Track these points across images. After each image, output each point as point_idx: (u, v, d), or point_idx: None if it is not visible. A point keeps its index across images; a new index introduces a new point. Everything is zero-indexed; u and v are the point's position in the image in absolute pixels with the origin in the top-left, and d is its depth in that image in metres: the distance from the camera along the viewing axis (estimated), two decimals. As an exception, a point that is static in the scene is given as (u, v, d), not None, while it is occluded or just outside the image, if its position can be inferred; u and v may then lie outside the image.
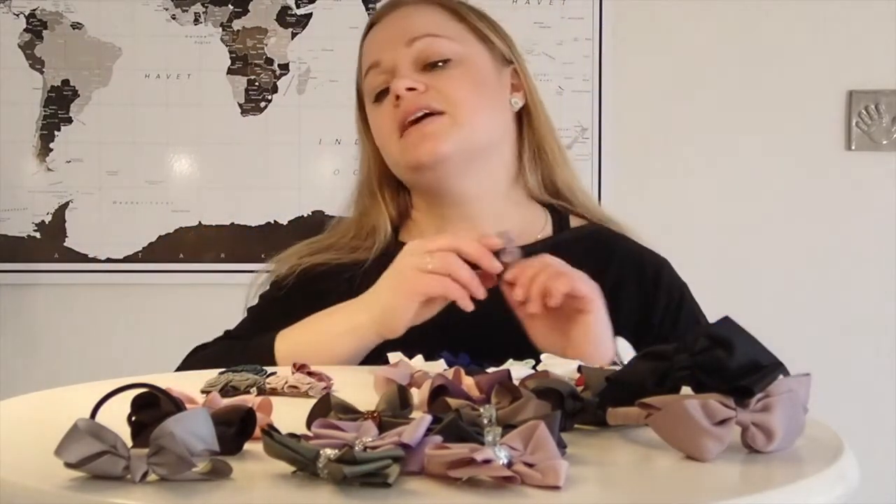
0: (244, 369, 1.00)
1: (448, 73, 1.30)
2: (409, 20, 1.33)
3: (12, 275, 2.49)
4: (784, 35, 2.55)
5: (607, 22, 2.53)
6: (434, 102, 1.28)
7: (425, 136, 1.28)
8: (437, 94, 1.29)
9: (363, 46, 1.39)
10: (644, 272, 1.32)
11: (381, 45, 1.34)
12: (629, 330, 1.25)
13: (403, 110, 1.28)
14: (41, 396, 0.95)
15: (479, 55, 1.34)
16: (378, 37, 1.36)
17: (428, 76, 1.30)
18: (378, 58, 1.33)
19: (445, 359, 1.04)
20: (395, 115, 1.30)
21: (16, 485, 0.63)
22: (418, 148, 1.28)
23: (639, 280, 1.31)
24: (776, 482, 0.66)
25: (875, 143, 2.56)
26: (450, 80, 1.30)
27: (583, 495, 0.62)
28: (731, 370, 0.71)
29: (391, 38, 1.32)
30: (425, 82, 1.29)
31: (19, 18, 2.49)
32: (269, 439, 0.63)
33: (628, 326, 1.26)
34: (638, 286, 1.30)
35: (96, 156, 2.50)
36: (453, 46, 1.31)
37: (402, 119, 1.29)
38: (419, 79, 1.29)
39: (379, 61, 1.32)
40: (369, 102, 1.36)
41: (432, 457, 0.63)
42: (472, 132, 1.30)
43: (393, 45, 1.31)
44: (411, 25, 1.32)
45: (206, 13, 2.51)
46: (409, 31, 1.32)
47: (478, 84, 1.32)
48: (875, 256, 2.56)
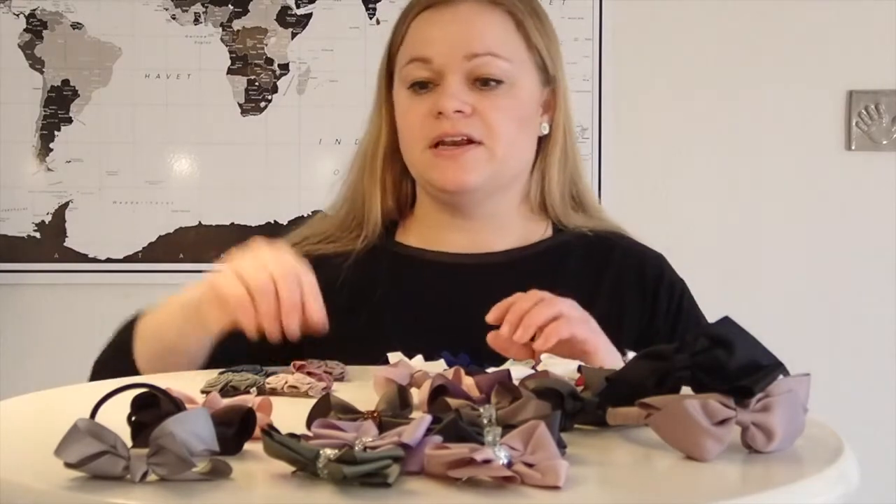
0: (244, 369, 1.00)
1: (496, 100, 1.25)
2: (472, 28, 1.26)
3: (12, 275, 2.49)
4: (784, 35, 2.55)
5: (607, 22, 2.53)
6: (475, 132, 1.24)
7: (458, 166, 1.24)
8: (481, 122, 1.24)
9: (409, 28, 1.29)
10: (645, 272, 1.32)
11: (436, 45, 1.25)
12: (633, 330, 1.26)
13: (444, 131, 1.24)
14: (41, 396, 0.95)
15: (528, 77, 1.28)
16: (435, 34, 1.26)
17: (476, 95, 1.24)
18: (429, 55, 1.25)
19: (445, 359, 1.04)
20: (432, 125, 1.24)
21: (16, 485, 0.63)
22: (447, 174, 1.25)
23: (641, 280, 1.30)
24: (776, 482, 0.66)
25: (875, 143, 2.56)
26: (496, 108, 1.25)
27: (583, 495, 0.62)
28: (731, 370, 0.71)
29: (450, 45, 1.25)
30: (472, 104, 1.24)
31: (19, 18, 2.49)
32: (269, 439, 0.64)
33: (632, 326, 1.26)
34: (640, 286, 1.30)
35: (96, 156, 2.50)
36: (508, 68, 1.26)
37: (440, 135, 1.24)
38: (467, 99, 1.24)
39: (429, 59, 1.25)
40: (402, 86, 1.28)
41: (432, 457, 0.63)
42: (504, 165, 1.27)
43: (450, 53, 1.24)
44: (474, 37, 1.25)
45: (206, 13, 2.51)
46: (470, 43, 1.24)
47: (520, 115, 1.28)
48: (875, 256, 2.56)
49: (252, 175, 2.51)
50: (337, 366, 1.05)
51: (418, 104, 1.26)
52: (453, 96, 1.23)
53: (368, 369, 1.02)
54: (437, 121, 1.24)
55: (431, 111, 1.25)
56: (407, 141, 1.29)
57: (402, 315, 1.26)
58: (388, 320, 1.26)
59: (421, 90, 1.26)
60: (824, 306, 2.56)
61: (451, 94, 1.23)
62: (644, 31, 2.54)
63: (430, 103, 1.25)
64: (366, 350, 1.09)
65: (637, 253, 1.34)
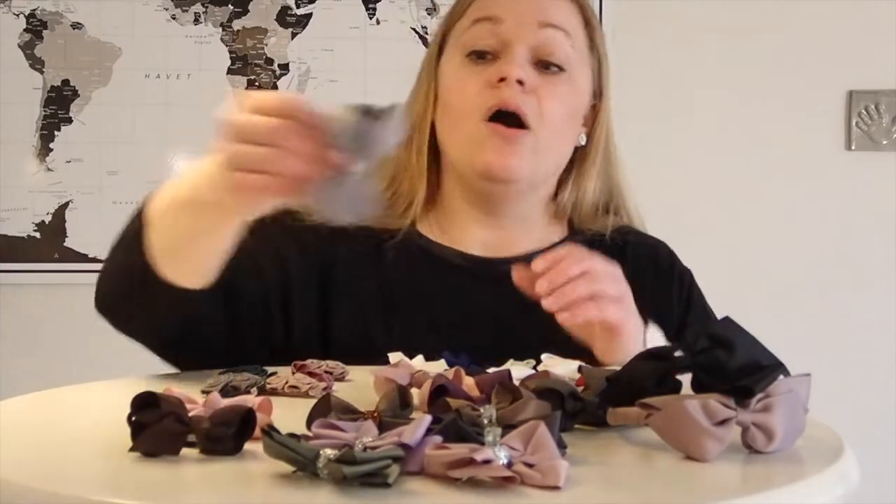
0: (244, 369, 1.00)
1: (556, 86, 1.21)
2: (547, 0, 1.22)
3: (12, 275, 2.49)
4: (784, 35, 2.55)
5: (607, 22, 2.53)
6: (531, 112, 1.19)
7: (511, 149, 1.19)
8: (537, 104, 1.19)
9: None
10: (658, 260, 1.32)
11: (508, 6, 1.20)
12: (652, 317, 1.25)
13: (503, 99, 1.18)
14: (41, 396, 0.95)
15: (584, 77, 1.26)
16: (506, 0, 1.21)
17: (537, 77, 1.20)
18: (501, 15, 1.20)
19: (445, 359, 1.04)
20: (491, 93, 1.18)
21: (16, 485, 0.63)
22: (497, 154, 1.19)
23: (656, 268, 1.30)
24: (776, 482, 0.66)
25: (875, 143, 2.56)
26: (554, 94, 1.21)
27: (583, 495, 0.62)
28: (731, 370, 0.71)
29: (524, 9, 1.20)
30: (532, 82, 1.19)
31: (19, 18, 2.49)
32: (269, 439, 0.64)
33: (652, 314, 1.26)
34: (656, 274, 1.30)
35: (96, 156, 2.50)
36: (573, 56, 1.23)
37: (499, 103, 1.18)
38: (529, 74, 1.19)
39: (500, 19, 1.20)
40: (459, 54, 1.22)
41: (432, 457, 0.63)
42: (544, 159, 1.24)
43: (523, 15, 1.19)
44: (549, 7, 1.21)
45: (206, 13, 2.51)
46: (546, 10, 1.20)
47: (571, 110, 1.25)
48: (875, 256, 2.56)
49: (252, 175, 2.51)
50: (337, 366, 1.05)
51: (476, 73, 1.20)
52: (520, 64, 1.18)
53: (368, 369, 1.02)
54: (497, 89, 1.18)
55: (490, 80, 1.19)
56: (458, 112, 1.22)
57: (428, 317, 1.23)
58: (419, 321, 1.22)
59: (479, 59, 1.21)
60: (824, 306, 2.56)
61: (518, 62, 1.18)
62: (644, 31, 2.54)
63: (491, 72, 1.19)
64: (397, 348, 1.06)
65: (647, 243, 1.34)
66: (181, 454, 0.69)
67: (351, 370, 1.06)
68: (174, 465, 0.67)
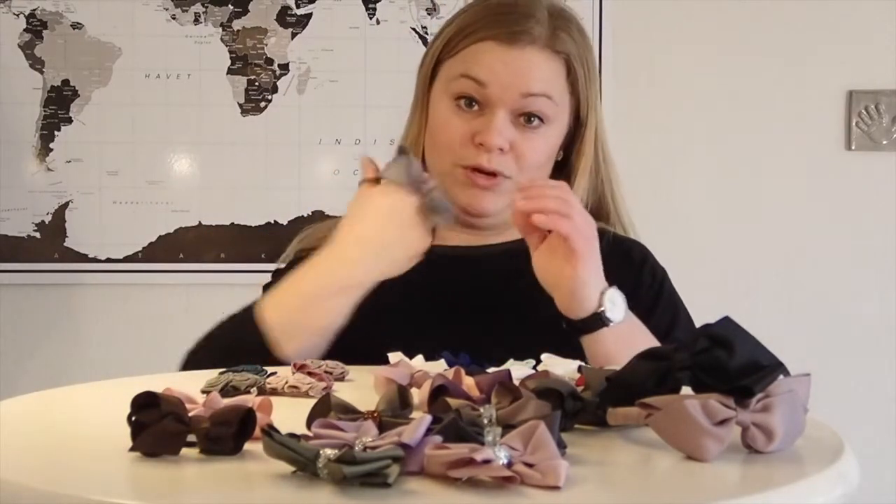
0: (244, 369, 1.00)
1: (534, 139, 1.30)
2: (534, 70, 1.29)
3: (12, 275, 2.49)
4: (784, 35, 2.55)
5: (607, 22, 2.53)
6: (507, 170, 1.29)
7: (485, 196, 1.30)
8: (514, 159, 1.29)
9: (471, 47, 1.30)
10: (630, 256, 1.37)
11: (496, 76, 1.28)
12: None
13: (480, 164, 1.28)
14: (41, 396, 0.95)
15: (563, 119, 1.34)
16: (497, 66, 1.28)
17: (517, 131, 1.29)
18: (486, 80, 1.28)
19: (445, 359, 1.04)
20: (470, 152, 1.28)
21: (16, 485, 0.63)
22: (472, 200, 1.30)
23: (626, 262, 1.34)
24: (776, 482, 0.66)
25: (875, 143, 2.56)
26: (532, 148, 1.30)
27: (583, 495, 0.62)
28: (731, 370, 0.71)
29: (509, 81, 1.28)
30: (511, 140, 1.28)
31: (19, 18, 2.49)
32: (269, 439, 0.64)
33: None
34: (626, 267, 1.33)
35: (96, 156, 2.50)
36: (553, 110, 1.31)
37: (475, 165, 1.28)
38: (509, 136, 1.28)
39: (486, 85, 1.28)
40: (447, 96, 1.31)
41: (432, 457, 0.63)
42: None
43: (508, 88, 1.28)
44: (534, 75, 1.29)
45: (206, 13, 2.51)
46: (530, 81, 1.28)
47: (549, 154, 1.33)
48: (875, 256, 2.56)
49: (252, 175, 2.51)
50: (337, 366, 1.05)
51: (460, 121, 1.30)
52: (499, 133, 1.27)
53: (368, 369, 1.02)
54: (476, 150, 1.28)
55: (472, 136, 1.28)
56: (439, 150, 1.32)
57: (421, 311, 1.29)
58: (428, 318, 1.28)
59: (465, 106, 1.30)
60: (824, 306, 2.56)
61: (498, 130, 1.27)
62: (644, 31, 2.54)
63: (473, 127, 1.29)
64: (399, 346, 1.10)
65: (622, 242, 1.38)
66: (181, 454, 0.69)
67: (351, 370, 1.06)
68: (174, 465, 0.67)
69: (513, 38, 1.29)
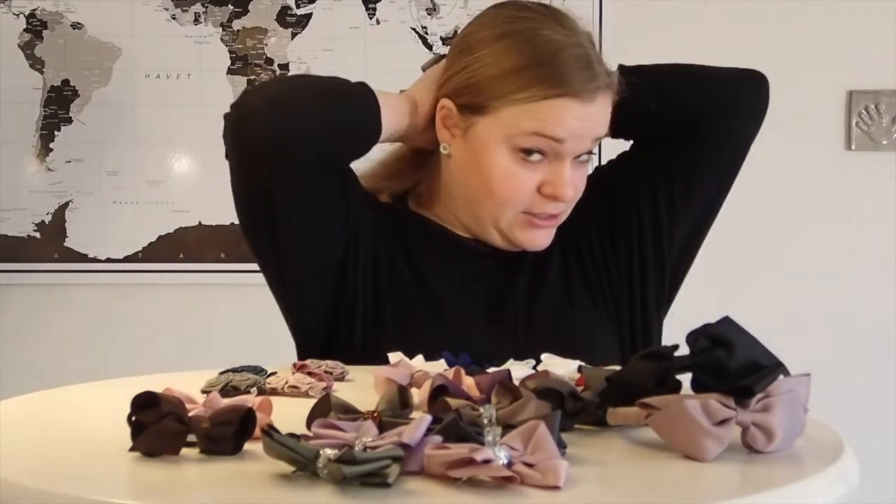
0: (244, 369, 1.00)
1: (584, 169, 1.31)
2: (601, 113, 1.28)
3: (12, 275, 2.49)
4: (784, 35, 2.55)
5: (607, 22, 2.53)
6: (568, 207, 1.30)
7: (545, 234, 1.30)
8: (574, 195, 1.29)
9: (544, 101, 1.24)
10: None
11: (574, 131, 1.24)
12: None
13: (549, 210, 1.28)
14: (41, 396, 0.95)
15: None
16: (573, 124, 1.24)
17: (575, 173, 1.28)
18: (564, 138, 1.24)
19: (445, 359, 1.04)
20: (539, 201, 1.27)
21: (16, 485, 0.63)
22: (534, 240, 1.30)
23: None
24: (776, 482, 0.66)
25: (875, 143, 2.56)
26: (581, 179, 1.30)
27: (583, 495, 0.62)
28: (731, 370, 0.71)
29: (585, 132, 1.26)
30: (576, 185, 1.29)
31: (19, 18, 2.49)
32: (269, 439, 0.64)
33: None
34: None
35: (96, 156, 2.50)
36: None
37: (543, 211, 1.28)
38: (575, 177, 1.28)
39: (562, 140, 1.24)
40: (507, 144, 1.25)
41: (432, 457, 0.63)
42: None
43: (582, 139, 1.26)
44: (600, 122, 1.28)
45: (206, 13, 2.51)
46: (597, 129, 1.28)
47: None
48: (875, 256, 2.56)
49: (252, 175, 2.51)
50: (337, 366, 1.05)
51: (527, 173, 1.26)
52: (571, 185, 1.27)
53: (368, 369, 1.02)
54: (544, 200, 1.27)
55: (542, 188, 1.26)
56: (501, 198, 1.27)
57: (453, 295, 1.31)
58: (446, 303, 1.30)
59: (528, 156, 1.25)
60: (824, 306, 2.56)
61: (570, 182, 1.26)
62: (644, 31, 2.54)
63: (540, 178, 1.26)
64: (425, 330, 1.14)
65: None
66: (181, 454, 0.69)
67: (351, 370, 1.06)
68: (174, 465, 0.67)
69: (592, 96, 1.25)
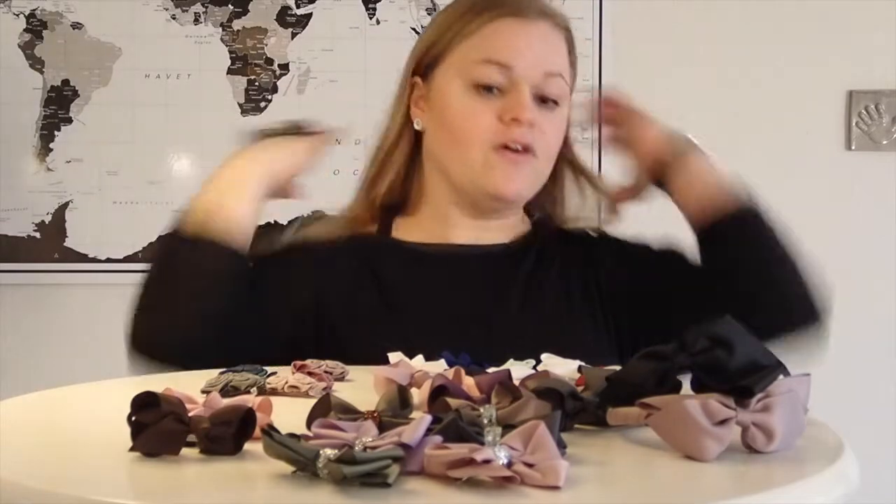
0: (244, 369, 1.00)
1: (552, 119, 1.30)
2: (552, 47, 1.31)
3: (12, 275, 2.49)
4: (784, 35, 2.55)
5: (607, 22, 2.53)
6: (536, 144, 1.28)
7: (518, 174, 1.28)
8: (541, 135, 1.29)
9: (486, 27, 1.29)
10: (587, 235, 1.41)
11: (519, 54, 1.28)
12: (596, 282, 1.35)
13: (514, 137, 1.27)
14: (41, 396, 0.95)
15: (568, 102, 1.34)
16: (520, 44, 1.28)
17: (538, 112, 1.29)
18: (511, 63, 1.27)
19: (445, 359, 1.04)
20: (501, 129, 1.27)
21: (16, 485, 0.63)
22: (507, 181, 1.28)
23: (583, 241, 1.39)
24: (776, 482, 0.66)
25: (875, 143, 2.56)
26: (552, 127, 1.30)
27: (583, 495, 0.62)
28: (731, 370, 0.71)
29: (533, 58, 1.28)
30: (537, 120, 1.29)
31: (19, 18, 2.49)
32: (269, 439, 0.63)
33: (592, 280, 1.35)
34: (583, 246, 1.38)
35: (96, 156, 2.50)
36: (564, 91, 1.32)
37: (509, 140, 1.27)
38: (536, 114, 1.28)
39: (510, 67, 1.27)
40: (462, 83, 1.29)
41: (432, 457, 0.63)
42: (539, 181, 1.33)
43: (533, 67, 1.28)
44: (551, 55, 1.30)
45: (206, 13, 2.51)
46: (548, 61, 1.29)
47: (562, 134, 1.34)
48: (875, 256, 2.56)
49: (252, 175, 2.51)
50: (337, 366, 1.05)
51: (486, 106, 1.28)
52: (530, 108, 1.27)
53: (368, 369, 1.02)
54: (508, 126, 1.27)
55: (502, 116, 1.27)
56: (466, 139, 1.28)
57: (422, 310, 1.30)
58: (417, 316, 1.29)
59: (486, 92, 1.28)
60: (824, 306, 2.55)
61: (528, 105, 1.27)
62: (644, 31, 2.54)
63: (500, 107, 1.27)
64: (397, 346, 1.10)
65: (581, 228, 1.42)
66: (181, 454, 0.69)
67: (351, 370, 1.06)
68: (174, 465, 0.67)
69: (533, 17, 1.29)
